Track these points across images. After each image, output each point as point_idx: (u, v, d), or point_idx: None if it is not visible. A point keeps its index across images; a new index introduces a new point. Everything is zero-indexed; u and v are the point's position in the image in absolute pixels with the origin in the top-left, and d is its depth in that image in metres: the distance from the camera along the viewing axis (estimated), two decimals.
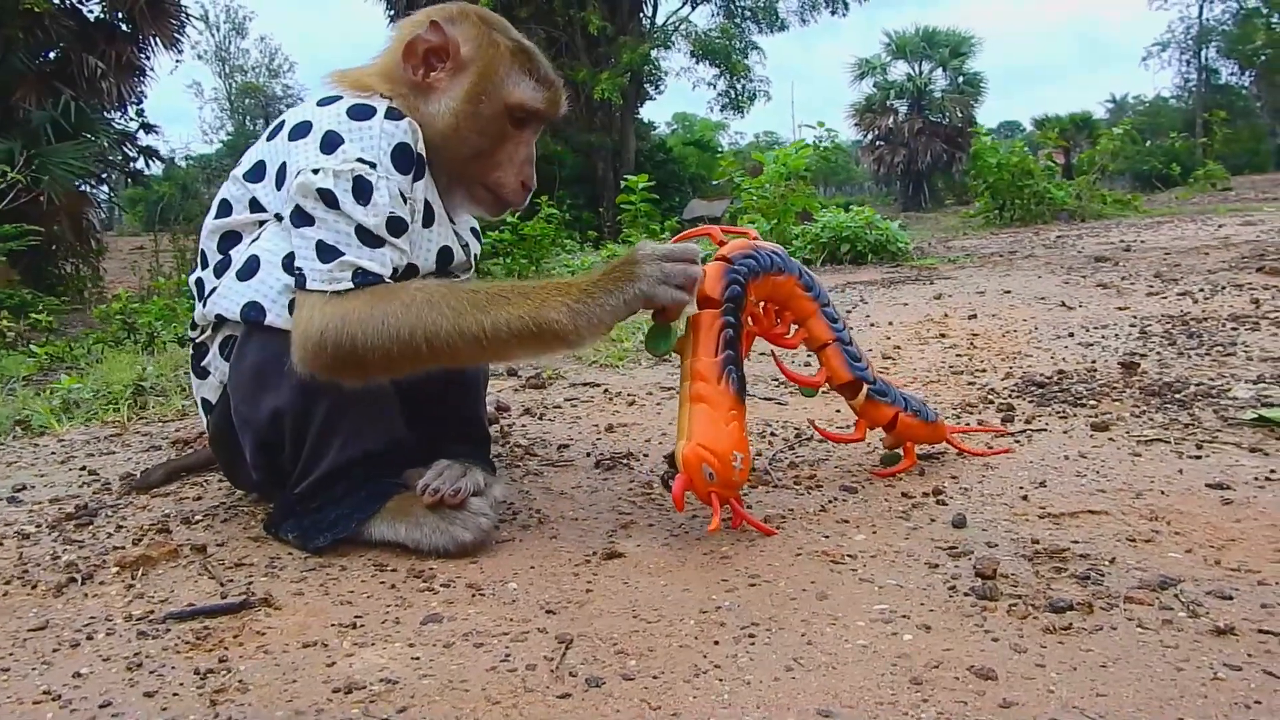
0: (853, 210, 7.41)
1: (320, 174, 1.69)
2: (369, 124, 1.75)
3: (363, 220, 1.68)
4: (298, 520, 1.84)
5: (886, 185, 42.62)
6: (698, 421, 1.76)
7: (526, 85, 1.90)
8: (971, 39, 37.27)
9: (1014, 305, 4.36)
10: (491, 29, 1.91)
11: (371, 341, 1.63)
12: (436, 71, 1.88)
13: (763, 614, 1.50)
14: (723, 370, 1.79)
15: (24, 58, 17.39)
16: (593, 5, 26.65)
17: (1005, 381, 2.96)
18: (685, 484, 1.73)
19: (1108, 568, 1.60)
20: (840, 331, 2.06)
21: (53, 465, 2.63)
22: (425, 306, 1.65)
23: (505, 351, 1.72)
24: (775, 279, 1.94)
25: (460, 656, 1.40)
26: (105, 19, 19.07)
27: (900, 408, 2.11)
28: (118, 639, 1.48)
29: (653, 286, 1.72)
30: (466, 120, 1.87)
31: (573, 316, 1.67)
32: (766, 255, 1.93)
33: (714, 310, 1.82)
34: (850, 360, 2.06)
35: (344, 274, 1.67)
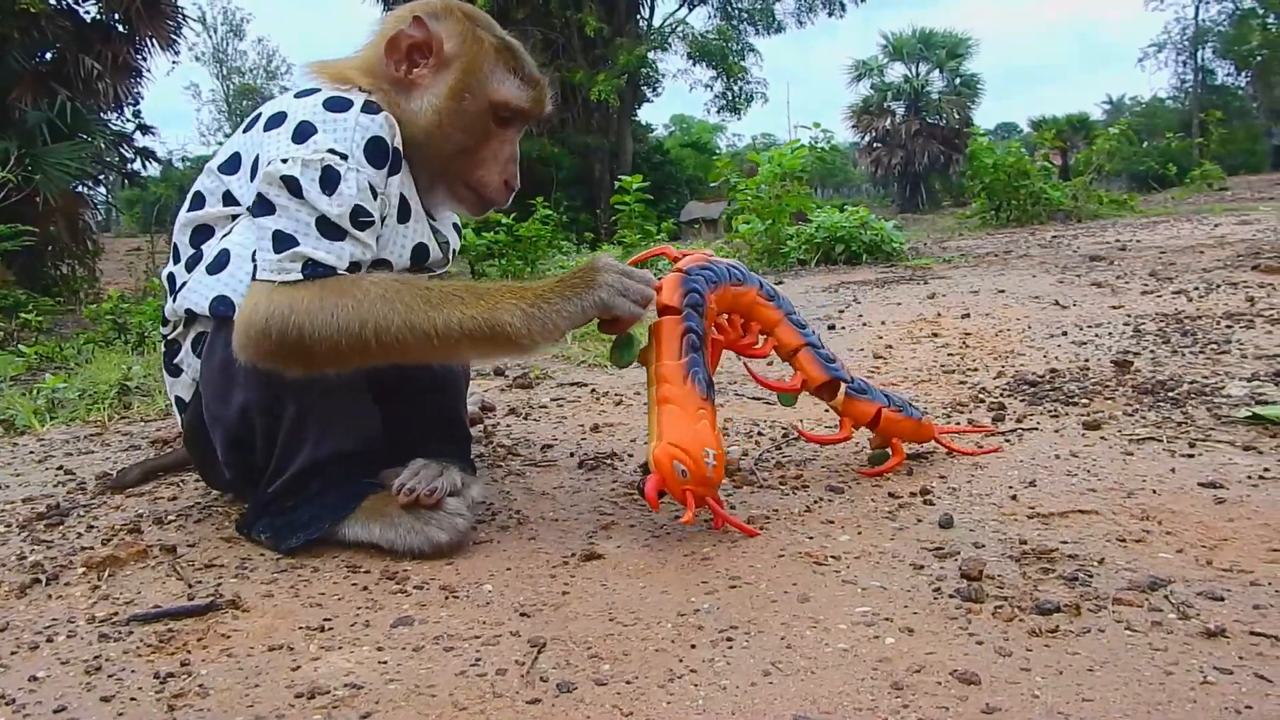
0: (847, 210, 7.37)
1: (288, 163, 1.65)
2: (344, 116, 1.71)
3: (326, 210, 1.64)
4: (270, 520, 1.80)
5: (884, 187, 42.62)
6: (667, 422, 1.74)
7: (511, 83, 1.87)
8: (968, 40, 37.32)
9: (1008, 304, 4.33)
10: (476, 25, 1.88)
11: (319, 333, 1.59)
12: (419, 67, 1.85)
13: (742, 617, 1.46)
14: (687, 372, 1.78)
15: (20, 58, 17.34)
16: (589, 7, 26.65)
17: (997, 380, 2.92)
18: (658, 483, 1.70)
19: (1096, 568, 1.56)
20: (809, 336, 2.06)
21: (29, 465, 2.59)
22: (378, 301, 1.61)
23: (456, 351, 1.70)
24: (735, 290, 1.95)
25: (429, 660, 1.36)
26: (102, 20, 19.04)
27: (882, 404, 2.09)
28: (78, 641, 1.44)
29: (612, 296, 1.71)
30: (449, 117, 1.84)
31: (526, 320, 1.65)
32: (723, 268, 1.94)
33: (675, 316, 1.82)
34: (824, 361, 2.05)
35: (294, 265, 1.63)
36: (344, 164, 1.67)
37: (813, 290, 5.45)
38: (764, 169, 7.60)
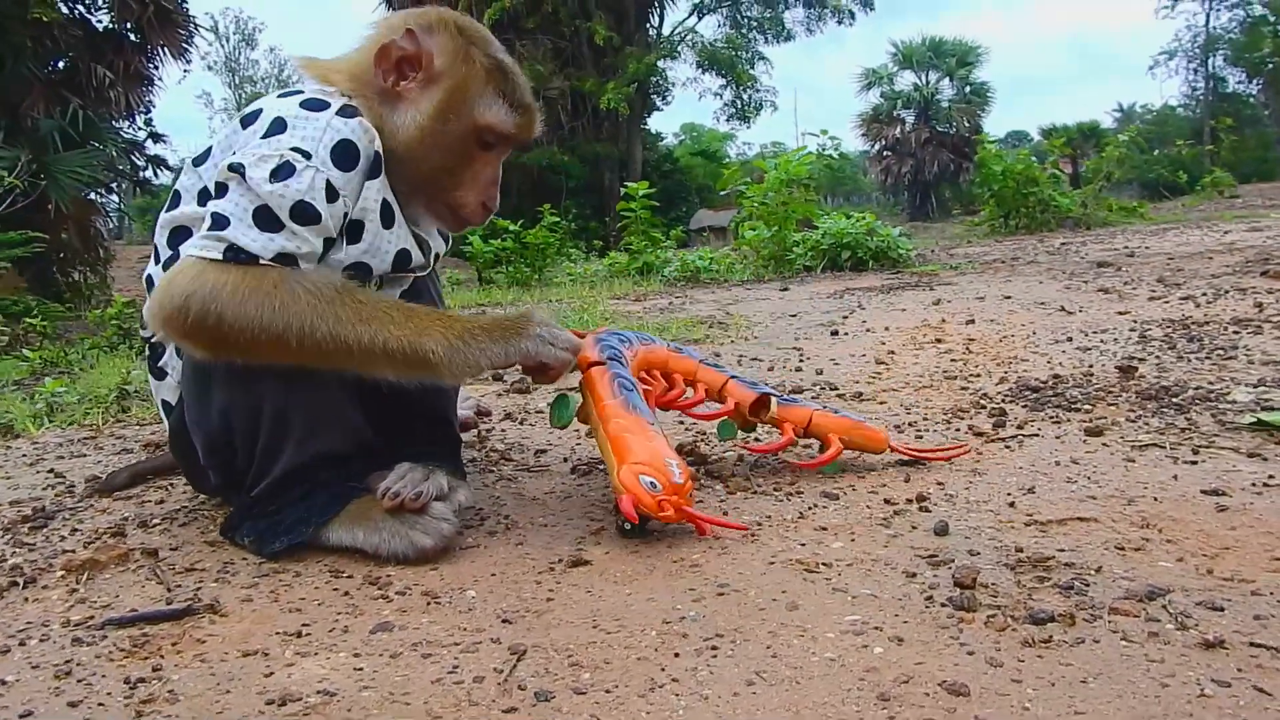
0: (854, 217, 7.33)
1: (248, 155, 1.63)
2: (317, 116, 1.69)
3: (266, 198, 1.61)
4: (254, 524, 1.78)
5: (894, 195, 42.51)
6: (623, 447, 1.78)
7: (499, 107, 1.83)
8: (978, 49, 37.24)
9: (1013, 310, 4.28)
10: (469, 43, 1.83)
11: (239, 324, 1.55)
12: (407, 81, 1.80)
13: (728, 625, 1.42)
14: (627, 404, 1.86)
15: (32, 66, 17.44)
16: (599, 16, 26.70)
17: (999, 386, 2.88)
18: (633, 501, 1.70)
19: (1093, 577, 1.52)
20: (729, 371, 2.19)
21: (21, 468, 2.57)
22: (307, 306, 1.58)
23: (373, 367, 1.67)
24: (646, 349, 2.10)
25: (406, 667, 1.33)
26: (114, 29, 19.15)
27: (815, 408, 2.16)
28: (51, 645, 1.41)
29: (539, 346, 1.75)
30: (432, 136, 1.80)
31: (449, 352, 1.66)
32: (629, 333, 2.12)
33: (600, 368, 1.93)
34: (749, 385, 2.16)
35: (217, 245, 1.59)
36: (303, 161, 1.63)
37: (818, 296, 5.42)
38: (770, 176, 7.57)
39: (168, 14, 18.85)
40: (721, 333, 4.21)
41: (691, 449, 2.35)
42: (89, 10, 19.56)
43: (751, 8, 30.57)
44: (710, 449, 2.39)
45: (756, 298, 5.62)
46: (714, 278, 7.20)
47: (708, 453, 2.34)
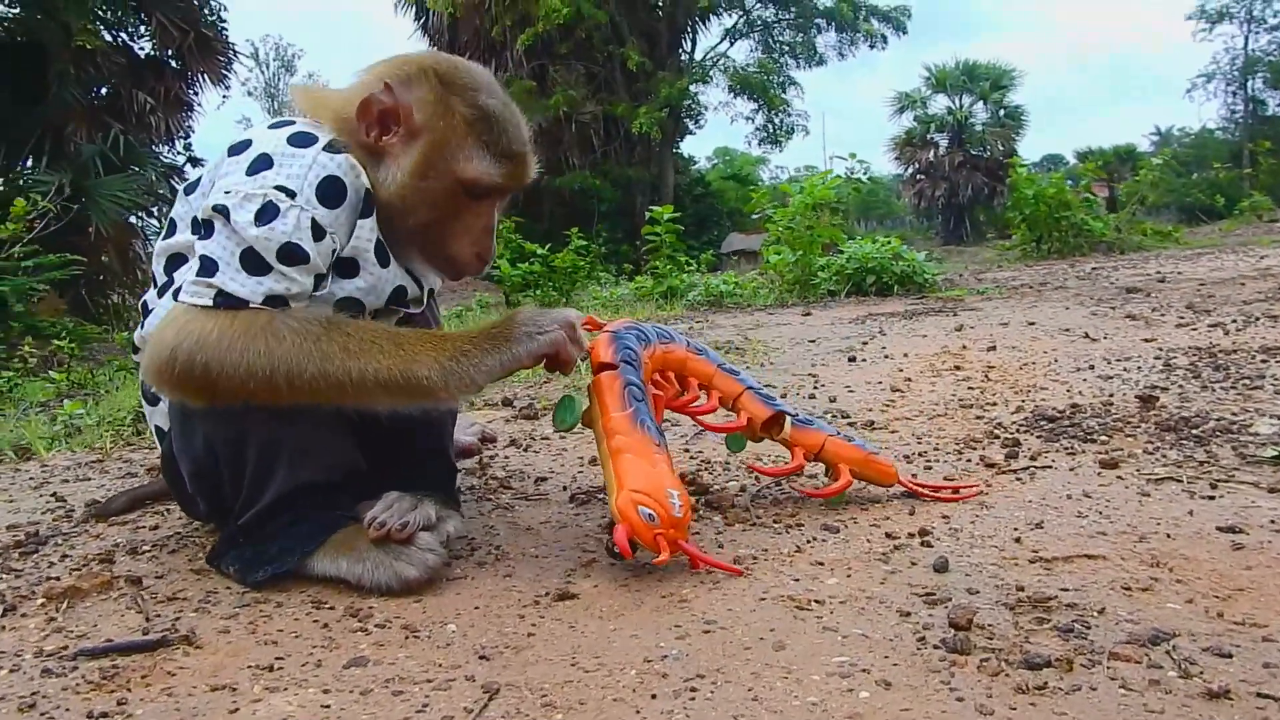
0: (879, 241, 7.26)
1: (230, 194, 1.62)
2: (303, 153, 1.66)
3: (253, 242, 1.59)
4: (239, 553, 1.75)
5: (927, 219, 42.25)
6: (624, 470, 1.71)
7: (481, 159, 1.76)
8: (1012, 72, 37.01)
9: (1036, 337, 4.20)
10: (450, 93, 1.76)
11: (227, 371, 1.54)
12: (389, 136, 1.75)
13: (711, 665, 1.37)
14: (635, 420, 1.77)
15: (75, 92, 17.83)
16: (632, 41, 26.85)
17: (1015, 415, 2.80)
18: (627, 531, 1.65)
19: (1096, 619, 1.46)
20: (746, 380, 2.07)
21: (25, 490, 2.57)
22: (293, 347, 1.56)
23: (370, 399, 1.64)
24: (664, 348, 1.97)
25: (375, 705, 1.29)
26: (155, 56, 19.56)
27: (829, 434, 2.08)
28: (20, 676, 1.39)
29: (530, 345, 1.69)
30: (414, 193, 1.75)
31: (443, 375, 1.62)
32: (649, 328, 1.97)
33: (612, 372, 1.82)
34: (766, 399, 2.06)
35: (207, 292, 1.59)
36: (287, 201, 1.61)
37: (839, 321, 5.35)
38: (795, 199, 7.52)
39: (208, 41, 19.24)
40: (738, 358, 4.15)
41: (693, 479, 2.30)
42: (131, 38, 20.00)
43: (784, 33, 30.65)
44: (713, 479, 2.34)
45: (778, 323, 5.56)
46: (737, 302, 7.15)
47: (710, 482, 2.29)
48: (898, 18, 29.62)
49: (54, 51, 17.12)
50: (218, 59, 19.78)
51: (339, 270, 1.76)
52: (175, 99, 19.33)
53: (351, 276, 1.78)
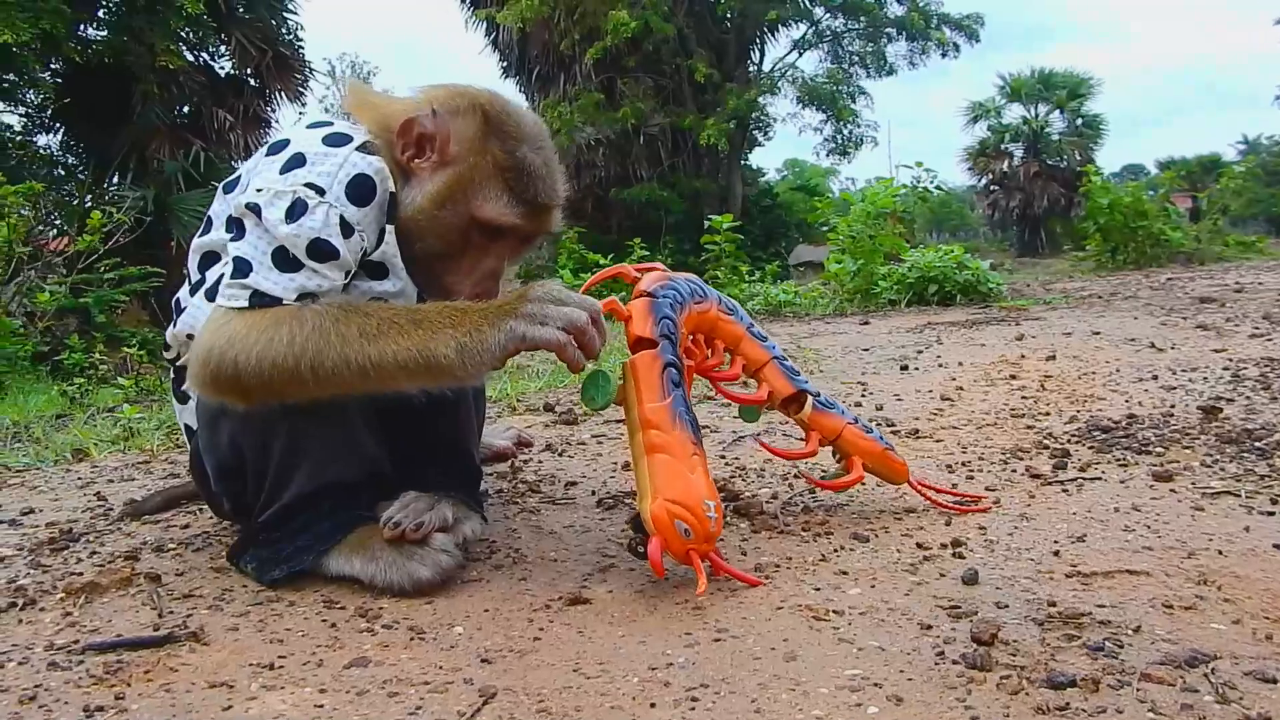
0: (942, 249, 7.11)
1: (262, 192, 1.63)
2: (337, 152, 1.66)
3: (283, 240, 1.59)
4: (257, 551, 1.75)
5: (1002, 230, 41.38)
6: (660, 475, 1.61)
7: (500, 202, 1.74)
8: (1090, 80, 36.04)
9: (1099, 347, 4.05)
10: (491, 135, 1.75)
11: (253, 366, 1.53)
12: (421, 159, 1.74)
13: (716, 674, 1.32)
14: (673, 413, 1.64)
15: (159, 112, 18.43)
16: (699, 53, 26.82)
17: (1068, 426, 2.69)
18: (661, 546, 1.57)
19: (1130, 638, 1.37)
20: (773, 349, 1.94)
21: (71, 490, 2.62)
22: (314, 333, 1.54)
23: (392, 382, 1.60)
24: (698, 309, 1.82)
25: (368, 706, 1.27)
26: (235, 75, 20.14)
27: (849, 421, 1.96)
28: (27, 669, 1.40)
29: (527, 327, 1.58)
30: (428, 220, 1.74)
31: (460, 352, 1.55)
32: (685, 283, 1.82)
33: (651, 351, 1.68)
34: (790, 374, 1.93)
35: (242, 293, 1.59)
36: (316, 198, 1.61)
37: (897, 330, 5.24)
38: (856, 208, 7.41)
39: (285, 60, 19.76)
40: None
41: (725, 485, 2.25)
42: (212, 57, 20.61)
43: (853, 42, 30.30)
44: (746, 485, 2.28)
45: (834, 331, 5.46)
46: (796, 311, 7.05)
47: (741, 489, 2.23)
48: (970, 26, 29.06)
49: (139, 73, 17.73)
50: (294, 76, 20.29)
51: (369, 272, 1.75)
52: (254, 116, 19.86)
53: (381, 278, 1.77)
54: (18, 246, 7.09)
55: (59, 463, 3.08)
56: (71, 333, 8.98)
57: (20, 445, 3.59)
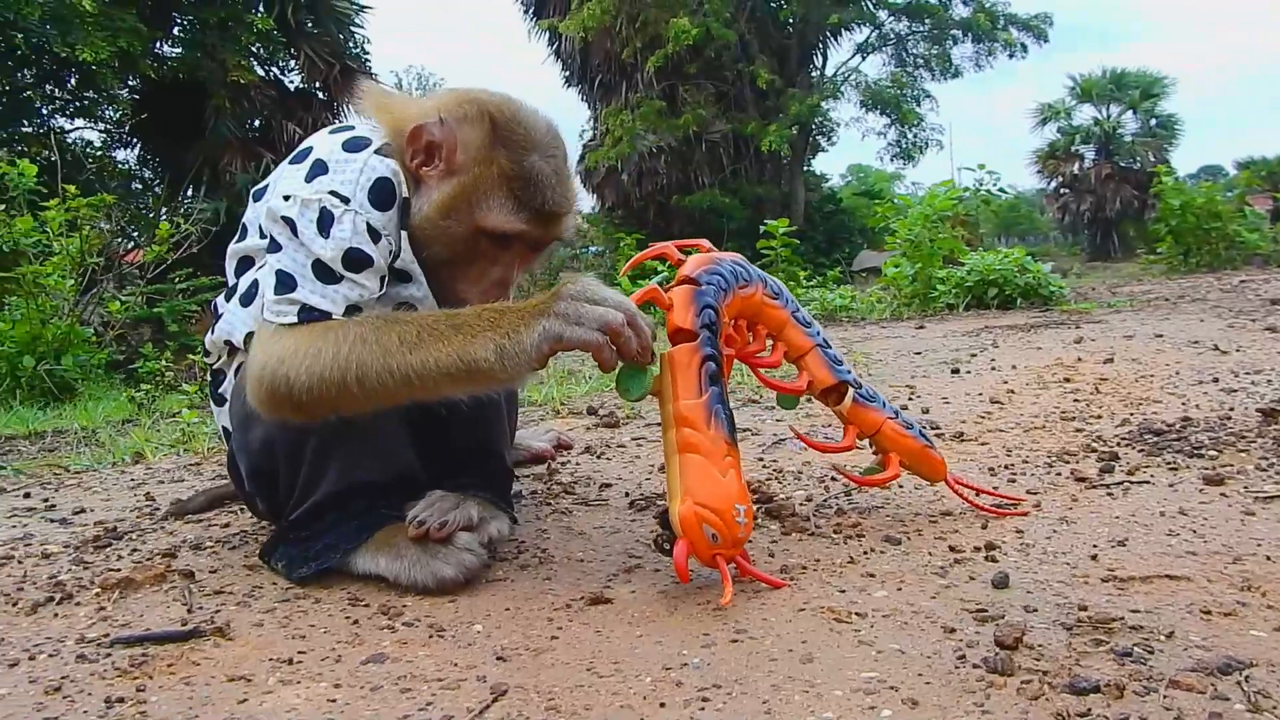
0: (1002, 252, 6.97)
1: (289, 201, 1.65)
2: (356, 157, 1.68)
3: (320, 253, 1.62)
4: (287, 549, 1.78)
5: (1072, 234, 40.48)
6: (691, 475, 1.57)
7: (504, 211, 1.72)
8: (1164, 79, 35.11)
9: (1160, 350, 3.93)
10: (498, 143, 1.73)
11: (303, 382, 1.55)
12: (429, 167, 1.74)
13: (731, 675, 1.30)
14: (709, 412, 1.59)
15: (230, 126, 18.95)
16: (761, 59, 26.73)
17: (1119, 429, 2.61)
18: (687, 550, 1.54)
19: (1161, 644, 1.32)
20: (816, 336, 1.87)
21: (123, 491, 2.69)
22: (357, 344, 1.55)
23: (439, 390, 1.60)
24: (742, 293, 1.75)
25: (380, 701, 1.28)
26: (304, 88, 20.62)
27: (889, 416, 1.89)
28: (57, 661, 1.43)
29: (562, 326, 1.55)
30: (433, 228, 1.74)
31: (499, 355, 1.54)
32: (729, 267, 1.74)
33: (690, 344, 1.63)
34: (833, 363, 1.86)
35: (290, 309, 1.61)
36: (340, 206, 1.63)
37: (952, 335, 5.15)
38: (913, 211, 7.30)
39: (352, 73, 20.15)
40: None
41: (759, 487, 2.22)
42: (282, 72, 21.12)
43: (917, 45, 29.93)
44: (781, 488, 2.26)
45: (888, 335, 5.39)
46: (852, 316, 6.97)
47: (775, 492, 2.21)
48: (1039, 26, 28.50)
49: (212, 88, 18.25)
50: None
51: (395, 276, 1.77)
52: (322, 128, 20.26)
53: (406, 282, 1.79)
54: (90, 258, 7.30)
55: (117, 465, 3.17)
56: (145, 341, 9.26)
57: (86, 449, 3.70)
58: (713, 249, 1.80)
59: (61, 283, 6.80)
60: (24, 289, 6.68)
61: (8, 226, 6.82)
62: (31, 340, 6.53)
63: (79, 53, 15.06)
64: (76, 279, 7.12)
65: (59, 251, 6.94)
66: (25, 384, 6.41)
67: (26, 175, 6.95)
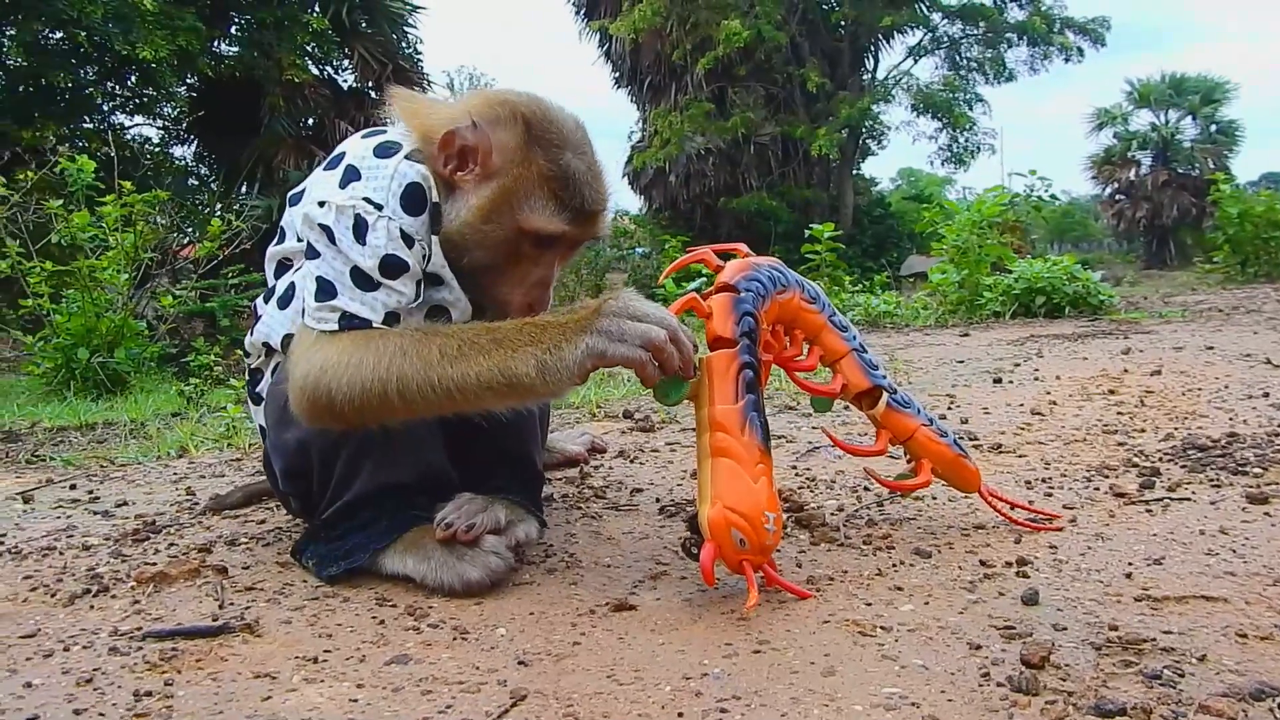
0: (1051, 260, 6.86)
1: (324, 208, 1.67)
2: (387, 163, 1.70)
3: (358, 261, 1.63)
4: (317, 547, 1.80)
5: (1127, 241, 39.73)
6: (722, 480, 1.56)
7: (547, 211, 1.73)
8: (1225, 85, 34.29)
9: (1211, 362, 3.84)
10: (534, 144, 1.74)
11: (344, 393, 1.57)
12: (464, 171, 1.74)
13: (750, 687, 1.30)
14: (744, 418, 1.59)
15: (285, 124, 19.24)
16: (812, 62, 26.58)
17: (1162, 444, 2.56)
18: (714, 553, 1.54)
19: (1192, 666, 1.29)
20: (853, 340, 1.86)
21: (166, 484, 2.74)
22: (398, 356, 1.56)
23: (480, 403, 1.61)
24: (780, 299, 1.74)
25: (400, 703, 1.29)
26: (357, 87, 20.86)
27: (923, 423, 1.87)
28: (89, 653, 1.46)
29: (605, 343, 1.54)
30: (474, 234, 1.74)
31: (540, 370, 1.53)
32: (767, 273, 1.73)
33: (729, 351, 1.62)
34: (868, 368, 1.85)
35: (332, 316, 1.63)
36: (374, 213, 1.65)
37: (997, 343, 5.07)
38: (960, 217, 7.22)
39: (405, 73, 20.35)
40: None
41: (791, 495, 2.21)
42: (336, 71, 21.40)
43: (971, 48, 29.56)
44: (813, 496, 2.24)
45: (931, 343, 5.33)
46: (895, 322, 6.90)
47: (807, 500, 2.19)
48: (1095, 29, 28.01)
49: (267, 87, 18.55)
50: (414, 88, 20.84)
51: (425, 280, 1.78)
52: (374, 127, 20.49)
53: (438, 286, 1.80)
54: (144, 253, 7.45)
55: (161, 459, 3.23)
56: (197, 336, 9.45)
57: (134, 442, 3.78)
58: (750, 253, 1.79)
59: (116, 277, 6.95)
60: (80, 282, 6.84)
61: (66, 221, 6.99)
62: (86, 333, 6.69)
63: (139, 51, 15.37)
64: (131, 273, 7.27)
65: (115, 246, 7.09)
66: (79, 376, 6.56)
67: (85, 171, 7.11)
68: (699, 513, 1.59)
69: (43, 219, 7.42)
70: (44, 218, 7.33)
